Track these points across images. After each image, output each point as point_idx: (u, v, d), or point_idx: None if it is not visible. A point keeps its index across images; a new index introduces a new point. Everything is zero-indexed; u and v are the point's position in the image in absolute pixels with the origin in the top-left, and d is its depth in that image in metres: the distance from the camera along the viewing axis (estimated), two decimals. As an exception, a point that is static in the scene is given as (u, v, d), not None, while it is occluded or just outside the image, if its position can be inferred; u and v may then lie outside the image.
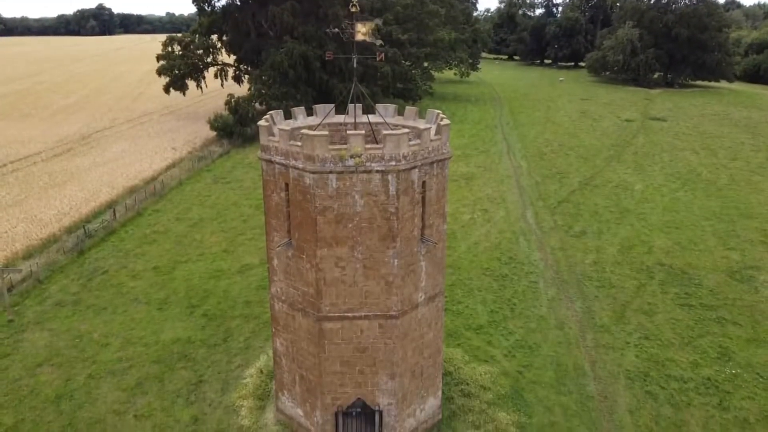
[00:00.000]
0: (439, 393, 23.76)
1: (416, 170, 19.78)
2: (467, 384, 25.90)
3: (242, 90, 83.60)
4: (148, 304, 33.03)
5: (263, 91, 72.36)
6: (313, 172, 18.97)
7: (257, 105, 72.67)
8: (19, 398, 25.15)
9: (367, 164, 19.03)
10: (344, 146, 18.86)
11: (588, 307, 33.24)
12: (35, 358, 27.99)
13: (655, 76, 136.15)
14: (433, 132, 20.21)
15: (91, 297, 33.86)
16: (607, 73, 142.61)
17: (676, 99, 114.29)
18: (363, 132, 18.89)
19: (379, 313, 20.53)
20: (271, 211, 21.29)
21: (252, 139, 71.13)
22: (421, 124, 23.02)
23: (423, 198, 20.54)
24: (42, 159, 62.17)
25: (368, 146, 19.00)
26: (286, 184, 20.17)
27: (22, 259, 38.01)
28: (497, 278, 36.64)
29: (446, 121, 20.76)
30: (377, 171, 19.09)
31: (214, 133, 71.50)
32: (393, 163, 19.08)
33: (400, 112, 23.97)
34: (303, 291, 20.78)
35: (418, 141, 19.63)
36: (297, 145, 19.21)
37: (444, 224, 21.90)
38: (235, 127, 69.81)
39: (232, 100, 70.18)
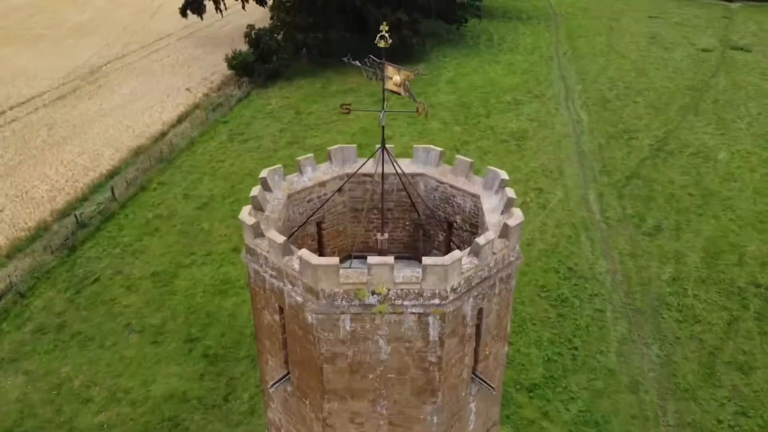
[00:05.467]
0: None
1: (470, 300, 13.40)
2: (519, 492, 20.74)
3: (265, 13, 74.33)
4: (141, 334, 28.27)
5: (287, 20, 63.57)
6: (317, 313, 12.79)
7: (279, 37, 64.13)
8: (-22, 489, 21.18)
9: (397, 302, 12.71)
10: (362, 284, 12.46)
11: (668, 356, 27.14)
12: (4, 421, 23.77)
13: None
14: (495, 240, 13.44)
15: (78, 319, 29.23)
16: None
17: (760, 18, 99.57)
18: (391, 260, 12.37)
19: (410, 475, 14.99)
20: (262, 329, 15.32)
21: (275, 75, 63.43)
22: (476, 185, 16.19)
23: (478, 327, 14.27)
24: (44, 103, 56.23)
25: (399, 280, 12.57)
26: (281, 308, 14.08)
27: (6, 258, 33.35)
28: (555, 303, 30.51)
29: (518, 218, 13.76)
30: (412, 312, 12.82)
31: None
32: (436, 301, 12.68)
33: (448, 161, 17.06)
34: (307, 439, 15.25)
35: (475, 261, 13.06)
36: (294, 270, 12.89)
37: (505, 346, 15.67)
38: (256, 64, 61.92)
39: (252, 32, 61.73)
